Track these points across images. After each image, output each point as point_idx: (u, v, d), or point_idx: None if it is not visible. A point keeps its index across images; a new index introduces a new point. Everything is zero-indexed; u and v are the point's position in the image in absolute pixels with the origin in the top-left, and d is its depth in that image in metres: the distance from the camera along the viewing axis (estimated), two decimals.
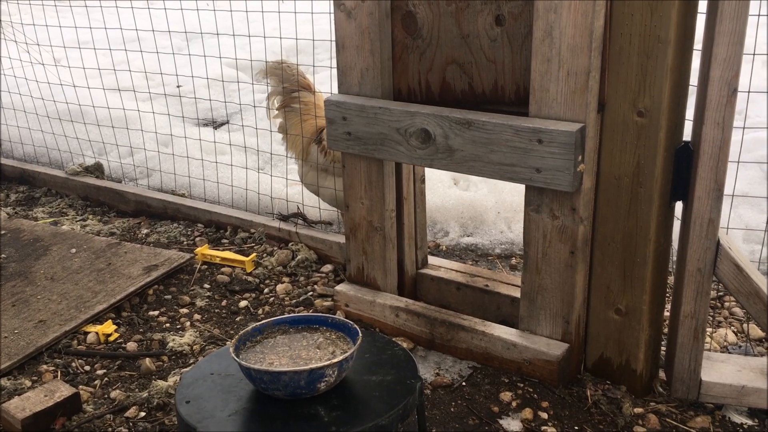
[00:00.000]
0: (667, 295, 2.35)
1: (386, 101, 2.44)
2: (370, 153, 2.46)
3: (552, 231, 2.23)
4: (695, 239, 2.09)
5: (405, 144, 2.36)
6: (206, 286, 3.07)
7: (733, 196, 2.43)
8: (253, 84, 4.26)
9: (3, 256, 3.27)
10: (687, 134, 2.12)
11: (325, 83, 4.08)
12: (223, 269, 3.19)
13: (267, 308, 2.88)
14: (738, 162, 2.37)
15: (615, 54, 2.05)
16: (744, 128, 2.52)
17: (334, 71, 2.57)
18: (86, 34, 4.34)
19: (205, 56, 3.91)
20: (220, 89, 4.45)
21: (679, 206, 2.19)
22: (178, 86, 4.82)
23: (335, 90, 2.62)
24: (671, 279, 2.48)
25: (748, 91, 2.28)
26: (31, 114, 4.64)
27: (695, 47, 2.04)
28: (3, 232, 3.53)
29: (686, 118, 2.13)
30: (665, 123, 2.03)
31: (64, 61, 4.68)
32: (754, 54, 2.28)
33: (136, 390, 2.40)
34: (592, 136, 2.12)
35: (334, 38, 2.50)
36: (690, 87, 2.10)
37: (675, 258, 2.30)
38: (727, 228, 2.55)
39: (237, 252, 3.33)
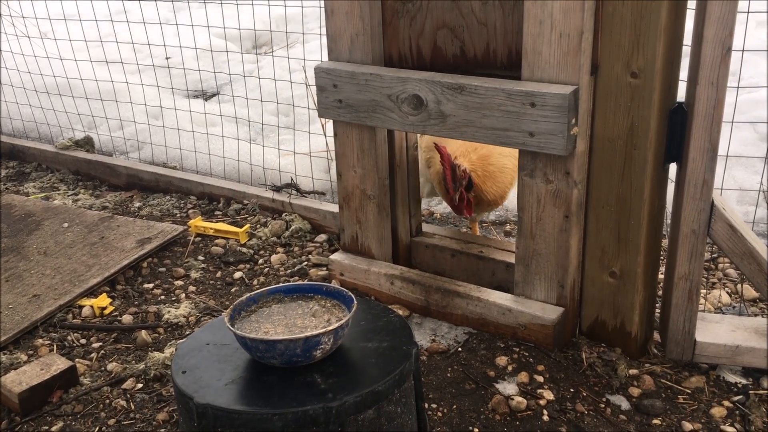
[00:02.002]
0: (662, 257, 2.35)
1: (377, 67, 2.41)
2: (362, 120, 2.43)
3: (546, 195, 2.23)
4: (689, 201, 2.08)
5: (397, 111, 2.34)
6: (200, 258, 3.06)
7: (727, 156, 2.42)
8: (242, 54, 4.21)
9: None
10: (681, 95, 2.10)
11: (315, 52, 4.03)
12: (216, 241, 3.18)
13: (262, 279, 2.88)
14: (732, 122, 2.36)
15: (608, 14, 2.02)
16: (738, 87, 2.50)
17: (325, 39, 2.54)
18: (72, 7, 4.27)
19: (192, 26, 3.85)
20: (209, 60, 4.39)
21: (673, 168, 2.19)
22: (167, 58, 4.75)
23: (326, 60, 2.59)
24: (665, 242, 2.48)
25: (742, 50, 2.26)
26: (19, 88, 4.58)
27: (689, 6, 2.02)
28: None
29: (680, 78, 2.11)
30: (659, 84, 2.01)
31: (50, 34, 4.60)
32: (748, 12, 2.26)
33: (133, 362, 2.40)
34: (586, 98, 2.10)
35: (323, 4, 2.46)
36: (684, 47, 2.08)
37: (669, 220, 2.30)
38: (721, 189, 2.55)
39: (230, 223, 3.31)
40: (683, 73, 2.09)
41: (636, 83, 2.03)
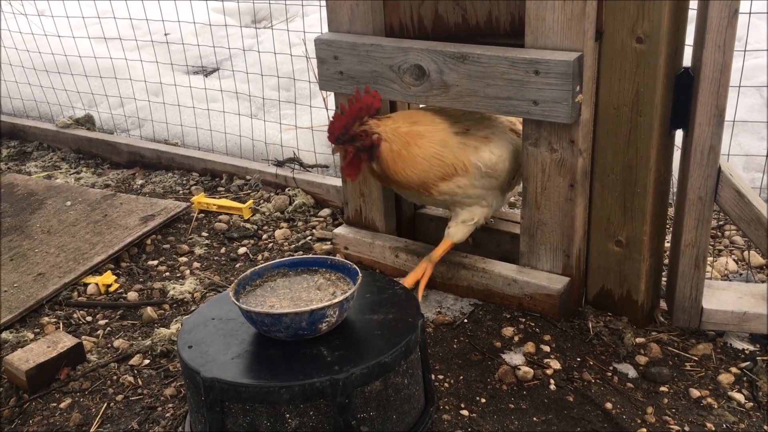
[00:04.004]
0: (668, 225, 2.33)
1: (378, 38, 2.38)
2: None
3: (551, 164, 2.20)
4: (696, 167, 2.06)
5: (399, 81, 2.31)
6: (204, 234, 3.05)
7: (734, 122, 2.39)
8: (241, 28, 4.16)
9: None
10: (686, 61, 2.07)
11: (315, 26, 3.99)
12: (220, 217, 3.17)
13: (266, 254, 2.87)
14: (739, 86, 2.33)
15: None
16: (745, 51, 2.46)
17: (324, 12, 2.50)
18: None
19: (191, 1, 3.81)
20: (208, 35, 4.35)
21: (679, 135, 2.16)
22: (165, 34, 4.71)
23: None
24: (671, 210, 2.46)
25: (749, 13, 2.22)
26: (18, 67, 4.55)
27: None
28: None
29: (686, 43, 2.08)
30: (665, 49, 1.98)
31: (47, 12, 4.56)
32: None
33: (139, 338, 2.40)
34: (590, 65, 2.07)
35: None
36: (690, 12, 2.04)
37: (675, 188, 2.27)
38: (728, 155, 2.53)
39: (234, 199, 3.30)
40: (689, 38, 2.06)
41: (641, 49, 2.00)
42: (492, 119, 2.40)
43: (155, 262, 2.86)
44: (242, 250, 2.91)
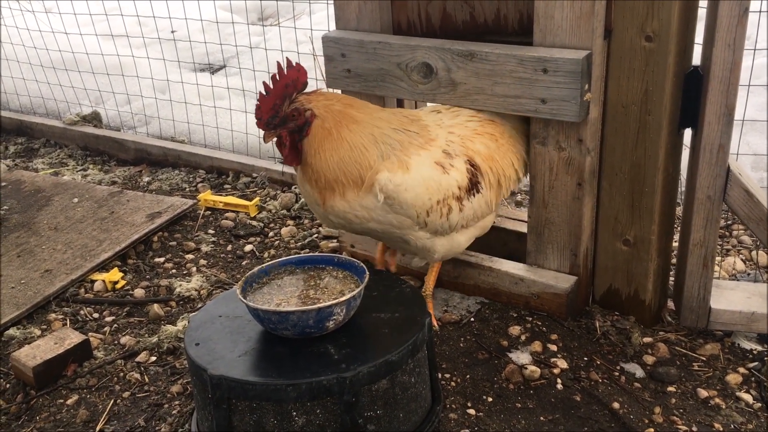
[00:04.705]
0: (676, 225, 2.32)
1: (385, 35, 2.37)
2: (371, 90, 2.40)
3: (558, 163, 2.20)
4: (705, 166, 2.05)
5: (406, 79, 2.30)
6: (210, 231, 3.05)
7: (743, 121, 2.38)
8: (248, 26, 4.16)
9: (5, 207, 3.25)
10: (696, 59, 2.06)
11: (322, 23, 3.99)
12: (226, 214, 3.17)
13: (272, 251, 2.87)
14: (749, 85, 2.32)
15: None
16: (755, 50, 2.45)
17: (332, 10, 2.50)
18: None
19: None
20: (215, 33, 4.35)
21: (687, 133, 2.15)
22: (172, 31, 4.71)
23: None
24: (679, 209, 2.45)
25: (759, 12, 2.21)
26: (25, 64, 4.55)
27: None
28: (4, 184, 3.51)
29: (695, 42, 2.07)
30: (674, 47, 1.97)
31: (55, 9, 4.56)
32: None
33: (146, 335, 2.40)
34: (599, 63, 2.06)
35: None
36: (699, 10, 2.03)
37: (683, 187, 2.26)
38: (737, 154, 2.51)
39: (240, 197, 3.30)
40: (698, 37, 2.05)
41: (650, 47, 1.99)
42: (452, 133, 2.14)
43: (162, 259, 2.86)
44: (248, 247, 2.91)
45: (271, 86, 1.95)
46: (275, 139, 2.00)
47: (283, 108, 1.95)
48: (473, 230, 2.24)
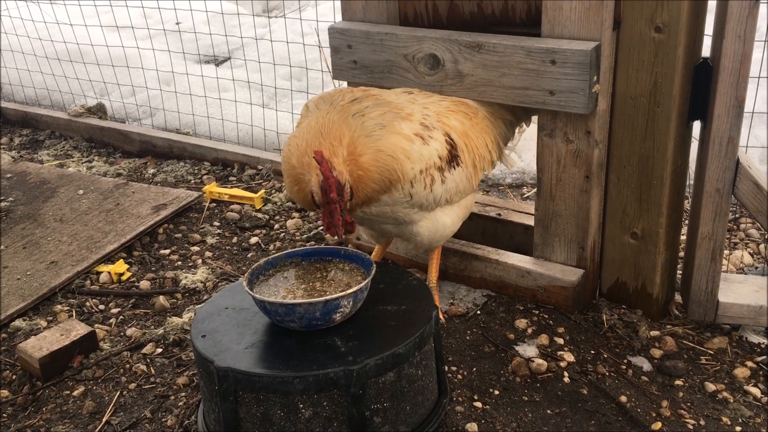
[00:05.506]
0: (684, 218, 2.31)
1: (392, 26, 2.35)
2: (377, 82, 2.39)
3: (566, 156, 2.18)
4: (714, 159, 2.04)
5: (413, 71, 2.29)
6: (216, 223, 3.05)
7: (752, 113, 2.36)
8: (254, 17, 4.14)
9: (11, 199, 3.25)
10: (705, 51, 2.04)
11: (327, 15, 3.97)
12: (232, 206, 3.16)
13: (278, 244, 2.87)
14: (758, 78, 2.30)
15: None
16: (766, 42, 2.43)
17: (337, 1, 2.48)
18: None
19: None
20: (220, 24, 4.34)
21: (696, 126, 2.13)
22: (177, 23, 4.70)
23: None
24: (687, 202, 2.44)
25: None
26: (30, 56, 4.55)
27: None
28: (9, 175, 3.50)
29: (705, 33, 2.05)
30: (684, 39, 1.95)
31: (59, 0, 4.56)
32: None
33: (152, 327, 2.40)
34: (608, 55, 2.04)
35: None
36: (709, 1, 2.01)
37: (692, 180, 2.25)
38: (746, 147, 2.50)
39: (245, 189, 3.29)
40: (708, 28, 2.03)
41: (660, 38, 1.97)
42: (426, 109, 2.08)
43: (167, 251, 2.86)
44: (254, 239, 2.91)
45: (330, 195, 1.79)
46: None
47: (343, 189, 1.82)
48: (457, 209, 2.19)
